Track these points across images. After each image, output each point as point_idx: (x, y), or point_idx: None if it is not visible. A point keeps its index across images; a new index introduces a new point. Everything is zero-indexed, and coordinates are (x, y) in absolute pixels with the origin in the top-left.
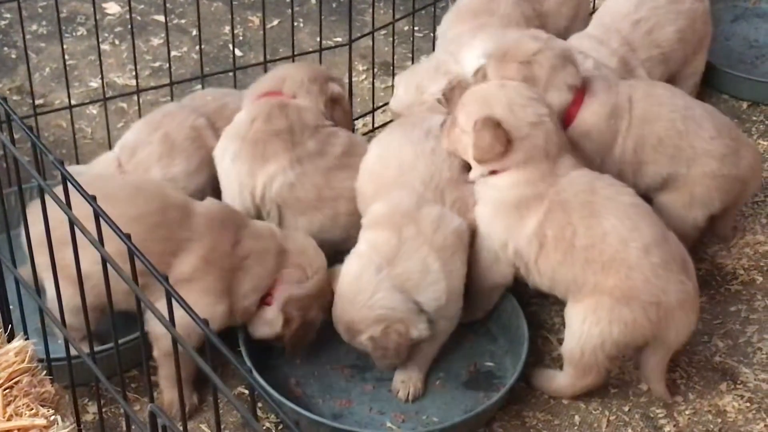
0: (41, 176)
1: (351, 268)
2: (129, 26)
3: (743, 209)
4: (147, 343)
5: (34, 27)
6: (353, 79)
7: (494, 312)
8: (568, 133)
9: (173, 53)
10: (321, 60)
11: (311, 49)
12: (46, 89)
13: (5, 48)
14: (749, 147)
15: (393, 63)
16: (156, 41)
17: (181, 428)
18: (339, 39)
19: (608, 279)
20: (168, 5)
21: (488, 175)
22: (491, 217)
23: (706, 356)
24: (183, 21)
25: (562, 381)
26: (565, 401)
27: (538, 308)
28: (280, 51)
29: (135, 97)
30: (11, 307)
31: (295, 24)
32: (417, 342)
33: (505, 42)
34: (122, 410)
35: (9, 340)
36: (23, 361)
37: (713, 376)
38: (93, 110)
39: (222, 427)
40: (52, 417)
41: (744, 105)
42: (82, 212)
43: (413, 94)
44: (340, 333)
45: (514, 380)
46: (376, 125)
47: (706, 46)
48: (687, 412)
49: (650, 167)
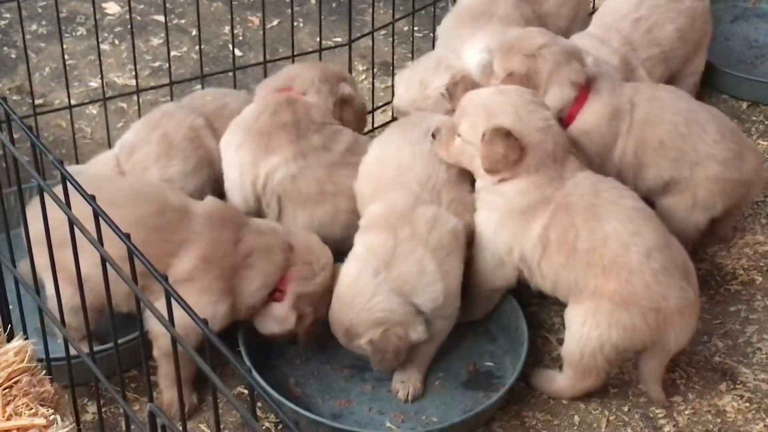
0: (41, 176)
1: (348, 271)
2: (129, 26)
3: (743, 209)
4: (146, 343)
5: (34, 27)
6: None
7: (494, 312)
8: (568, 133)
9: (173, 53)
10: (321, 60)
11: (311, 49)
12: (46, 89)
13: (5, 48)
14: (753, 151)
15: (393, 63)
16: (156, 41)
17: (181, 428)
18: (339, 39)
19: (608, 283)
20: (168, 5)
21: (496, 184)
22: (499, 224)
23: (706, 356)
24: (183, 21)
25: (562, 383)
26: (565, 401)
27: (538, 308)
28: (280, 51)
29: (135, 97)
30: (11, 307)
31: (295, 24)
32: (415, 344)
33: (512, 36)
34: (122, 410)
35: (8, 340)
36: (23, 361)
37: (713, 376)
38: (93, 110)
39: (221, 427)
40: (52, 416)
41: (744, 105)
42: (82, 212)
43: (416, 90)
44: (338, 336)
45: (514, 380)
46: (376, 125)
47: (706, 45)
48: (686, 412)
49: (651, 170)
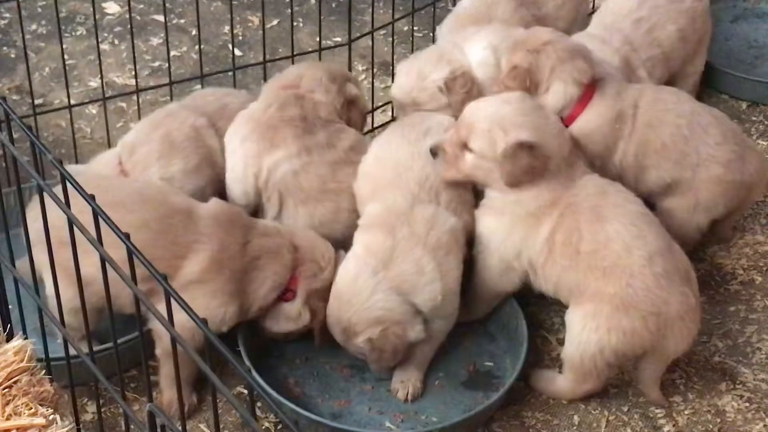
0: (40, 176)
1: (347, 271)
2: (128, 26)
3: (744, 210)
4: (146, 343)
5: (34, 27)
6: None
7: (493, 312)
8: (569, 132)
9: (173, 53)
10: (321, 60)
11: (311, 49)
12: (46, 89)
13: (5, 48)
14: (755, 152)
15: (392, 63)
16: (155, 41)
17: (180, 428)
18: (338, 39)
19: (608, 286)
20: (167, 5)
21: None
22: (510, 229)
23: (706, 356)
24: (182, 21)
25: (562, 385)
26: (564, 401)
27: (538, 308)
28: (280, 51)
29: (134, 97)
30: (10, 307)
31: (295, 24)
32: (413, 343)
33: (521, 33)
34: (121, 410)
35: (8, 340)
36: (22, 361)
37: (712, 376)
38: (92, 110)
39: (221, 427)
40: (51, 416)
41: (743, 105)
42: (86, 212)
43: (414, 81)
44: (336, 335)
45: (513, 380)
46: (376, 125)
47: (706, 45)
48: (686, 412)
49: (653, 172)
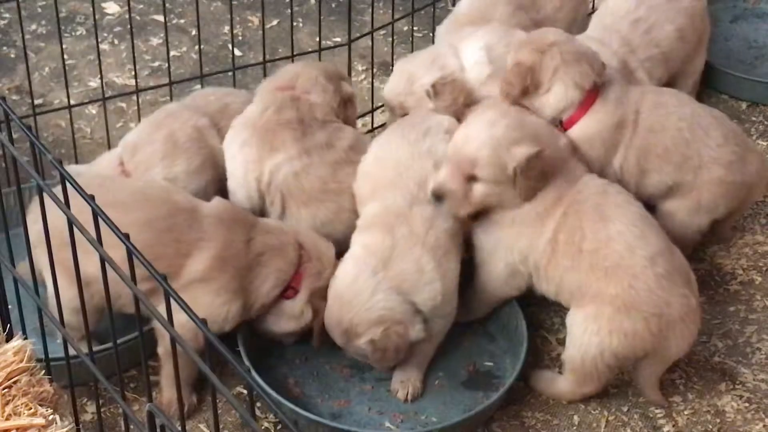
0: (40, 176)
1: (346, 271)
2: (128, 26)
3: (744, 210)
4: (146, 343)
5: (34, 27)
6: (352, 79)
7: (493, 312)
8: (569, 135)
9: (172, 53)
10: (320, 60)
11: (310, 49)
12: (46, 89)
13: (4, 48)
14: (755, 153)
15: (392, 63)
16: (155, 41)
17: (180, 428)
18: (338, 39)
19: (610, 287)
20: (167, 5)
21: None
22: (517, 235)
23: (705, 356)
24: (182, 21)
25: (563, 387)
26: (564, 401)
27: (538, 308)
28: (280, 51)
29: (134, 97)
30: (10, 307)
31: (295, 24)
32: (413, 343)
33: (532, 33)
34: (121, 410)
35: (7, 340)
36: (22, 361)
37: (712, 376)
38: (92, 110)
39: (221, 427)
40: (51, 416)
41: (743, 105)
42: (84, 213)
43: (404, 83)
44: (335, 337)
45: (513, 380)
46: (376, 125)
47: (705, 45)
48: (686, 412)
49: (654, 175)
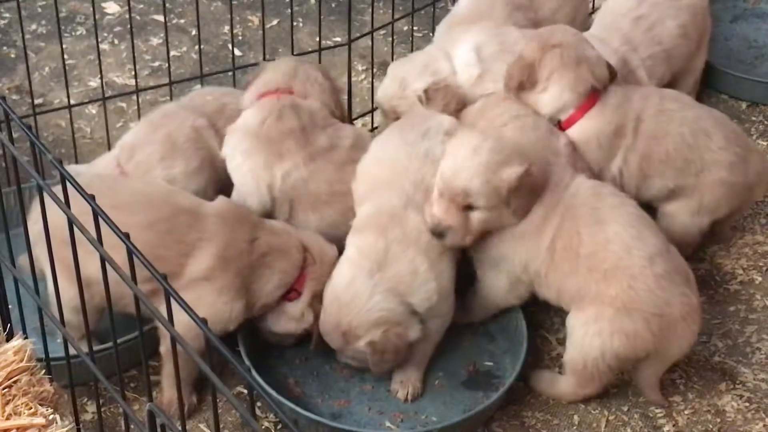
0: (40, 176)
1: (342, 274)
2: (128, 26)
3: (744, 210)
4: (146, 343)
5: (34, 26)
6: (352, 79)
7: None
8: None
9: (172, 53)
10: (320, 60)
11: (310, 49)
12: (46, 89)
13: (4, 47)
14: (757, 154)
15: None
16: (155, 41)
17: (180, 428)
18: (338, 39)
19: (610, 288)
20: (167, 5)
21: None
22: (516, 247)
23: (705, 356)
24: (182, 21)
25: (564, 388)
26: (565, 401)
27: (537, 308)
28: (280, 51)
29: (134, 97)
30: (10, 307)
31: (295, 24)
32: (412, 343)
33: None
34: (121, 409)
35: (8, 339)
36: (22, 360)
37: (712, 376)
38: (92, 110)
39: (221, 427)
40: (51, 416)
41: (743, 105)
42: (87, 213)
43: (396, 88)
44: (332, 340)
45: (513, 380)
46: (376, 125)
47: (706, 42)
48: (686, 412)
49: (657, 180)
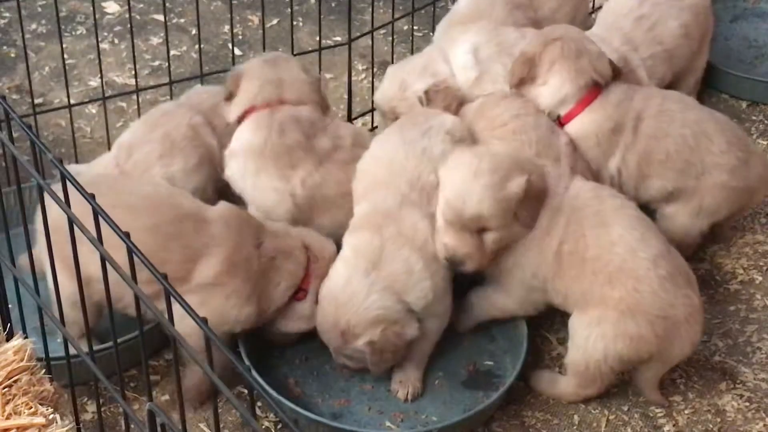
0: (40, 175)
1: (339, 274)
2: (128, 25)
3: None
4: (146, 343)
5: (34, 26)
6: (352, 79)
7: None
8: (565, 130)
9: (172, 52)
10: (320, 59)
11: (310, 49)
12: (46, 88)
13: (5, 47)
14: (759, 157)
15: (392, 62)
16: (155, 40)
17: (180, 427)
18: (338, 38)
19: (615, 291)
20: (167, 4)
21: None
22: (525, 248)
23: (706, 356)
24: (182, 20)
25: (565, 388)
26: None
27: None
28: (280, 50)
29: (134, 97)
30: (10, 306)
31: (295, 23)
32: (411, 342)
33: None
34: (121, 409)
35: (8, 339)
36: (22, 360)
37: (712, 376)
38: (92, 109)
39: (221, 426)
40: (51, 416)
41: (743, 105)
42: (88, 213)
43: (396, 90)
44: (330, 340)
45: (513, 379)
46: (376, 124)
47: (708, 42)
48: (686, 412)
49: (656, 181)
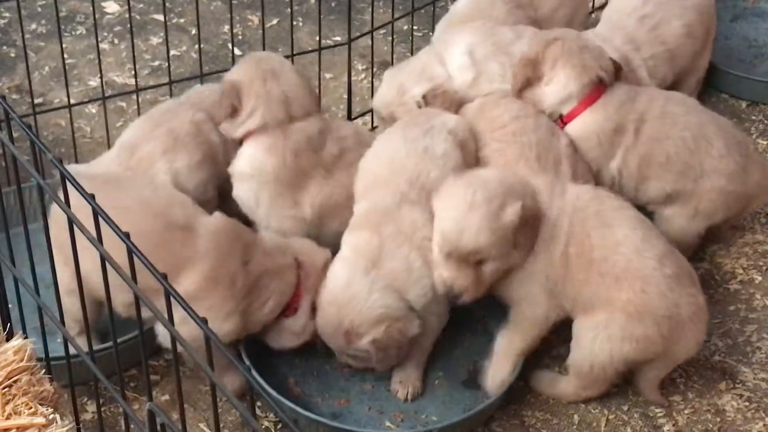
0: (40, 175)
1: (338, 274)
2: (128, 25)
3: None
4: (146, 343)
5: (34, 26)
6: (352, 79)
7: (493, 311)
8: (566, 130)
9: (172, 52)
10: (320, 59)
11: (310, 48)
12: (45, 88)
13: (4, 47)
14: (758, 163)
15: (392, 62)
16: (155, 40)
17: (180, 427)
18: (338, 38)
19: (622, 292)
20: (167, 4)
21: None
22: (533, 259)
23: (705, 355)
24: (182, 20)
25: (566, 389)
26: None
27: None
28: (279, 50)
29: (134, 96)
30: (10, 306)
31: (294, 23)
32: (412, 339)
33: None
34: (121, 409)
35: (8, 339)
36: (22, 360)
37: (712, 376)
38: (92, 109)
39: (221, 426)
40: (51, 416)
41: (743, 104)
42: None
43: (394, 94)
44: (333, 341)
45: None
46: (376, 124)
47: (711, 42)
48: (686, 412)
49: (654, 183)
